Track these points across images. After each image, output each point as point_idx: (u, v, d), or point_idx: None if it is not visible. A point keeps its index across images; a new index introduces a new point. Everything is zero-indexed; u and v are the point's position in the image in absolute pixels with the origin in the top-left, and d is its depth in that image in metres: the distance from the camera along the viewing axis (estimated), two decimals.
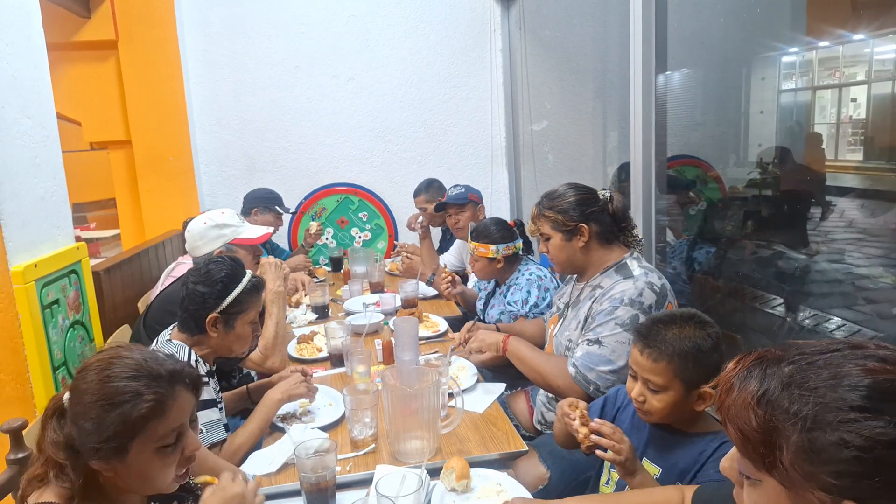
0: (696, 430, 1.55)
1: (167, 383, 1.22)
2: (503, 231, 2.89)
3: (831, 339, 0.83)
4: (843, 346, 0.79)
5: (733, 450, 0.89)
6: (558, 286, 2.66)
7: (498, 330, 2.55)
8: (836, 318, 2.80)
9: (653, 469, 1.57)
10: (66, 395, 1.22)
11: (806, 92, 3.27)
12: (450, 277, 3.15)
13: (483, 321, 3.00)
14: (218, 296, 1.97)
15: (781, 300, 3.05)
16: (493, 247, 2.85)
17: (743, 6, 3.25)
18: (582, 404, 1.60)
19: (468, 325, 2.48)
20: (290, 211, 4.11)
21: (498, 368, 2.76)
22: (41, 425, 1.21)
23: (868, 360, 0.76)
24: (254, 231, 2.86)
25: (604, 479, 1.71)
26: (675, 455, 1.52)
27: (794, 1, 3.10)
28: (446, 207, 3.70)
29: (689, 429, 1.56)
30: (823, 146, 3.14)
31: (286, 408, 2.16)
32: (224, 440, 1.91)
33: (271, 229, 3.02)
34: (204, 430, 1.82)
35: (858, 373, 0.75)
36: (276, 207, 3.97)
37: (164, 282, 2.98)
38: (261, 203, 3.89)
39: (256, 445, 1.98)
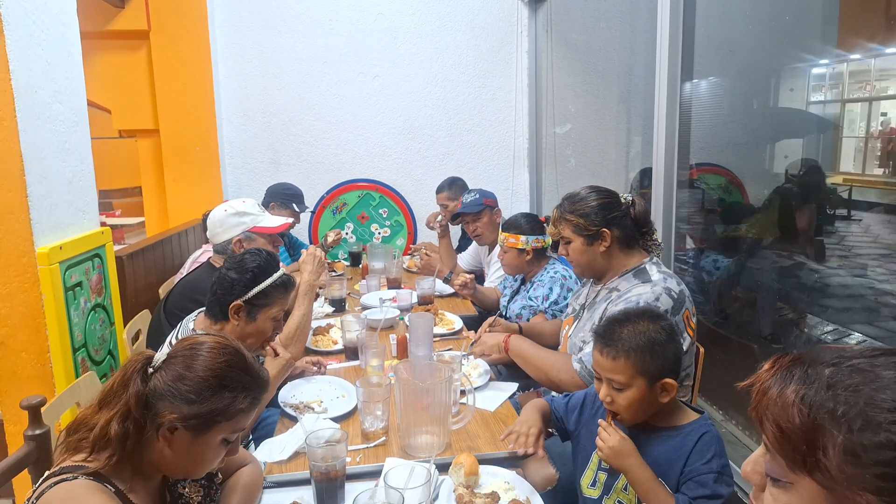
0: (670, 423, 1.57)
1: (262, 391, 1.36)
2: (533, 224, 2.92)
3: (865, 347, 0.83)
4: (879, 353, 0.79)
5: (756, 454, 0.87)
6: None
7: (520, 328, 2.56)
8: (856, 334, 2.77)
9: None
10: (160, 356, 1.30)
11: (835, 104, 3.24)
12: (465, 280, 3.15)
13: (504, 316, 3.02)
14: (246, 284, 2.00)
15: (802, 312, 3.02)
16: (522, 238, 2.87)
17: (773, 16, 3.22)
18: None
19: (489, 320, 2.50)
20: (309, 210, 4.12)
21: (511, 368, 2.77)
22: (120, 378, 1.28)
23: None
24: (273, 221, 2.89)
25: (588, 482, 1.71)
26: (653, 451, 1.54)
27: (825, 13, 3.07)
28: (462, 216, 3.67)
29: (663, 423, 1.58)
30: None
31: (300, 397, 2.19)
32: None
33: (291, 220, 3.04)
34: None
35: None
36: (294, 205, 3.95)
37: (188, 268, 3.03)
38: (279, 198, 3.88)
39: (269, 433, 2.00)
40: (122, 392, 1.26)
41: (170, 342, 1.98)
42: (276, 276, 2.07)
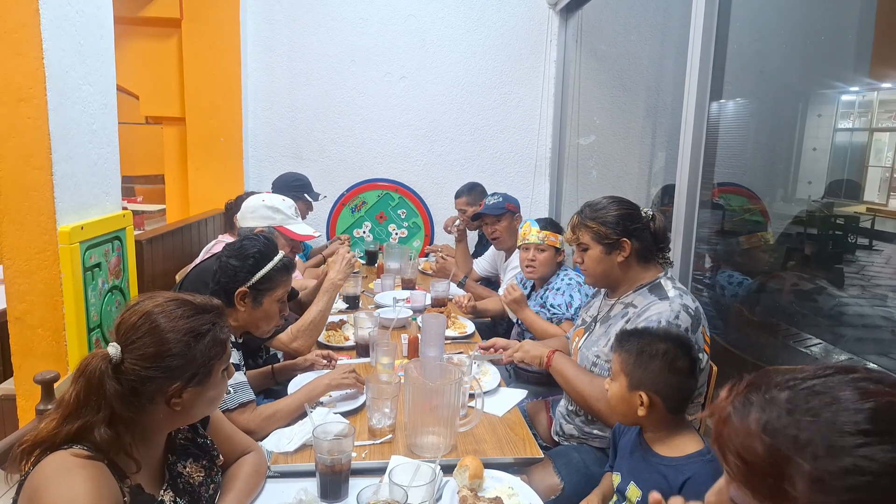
0: (667, 450, 1.58)
1: (224, 316, 1.42)
2: (561, 228, 2.94)
3: (818, 364, 0.82)
4: (834, 371, 0.78)
5: (719, 483, 0.86)
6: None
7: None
8: (872, 365, 2.74)
9: (636, 492, 1.57)
10: (114, 350, 1.26)
11: (863, 133, 3.21)
12: (462, 302, 3.20)
13: (515, 323, 3.05)
14: (249, 271, 2.02)
15: (818, 340, 2.98)
16: (560, 237, 2.87)
17: (806, 40, 3.20)
18: None
19: (493, 340, 2.48)
20: (320, 197, 4.12)
21: (521, 376, 2.77)
22: (84, 388, 1.23)
23: (864, 382, 0.75)
24: (301, 228, 2.92)
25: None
26: (651, 479, 1.55)
27: (859, 40, 3.04)
28: (483, 217, 3.67)
29: (661, 447, 1.59)
30: None
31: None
32: (252, 401, 1.94)
33: (318, 234, 3.06)
34: (232, 391, 1.85)
35: (858, 397, 0.74)
36: (305, 195, 3.97)
37: (202, 258, 3.04)
38: (291, 191, 3.86)
39: None
40: (94, 399, 1.22)
41: None
42: (276, 259, 2.08)
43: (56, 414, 1.24)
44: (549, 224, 2.95)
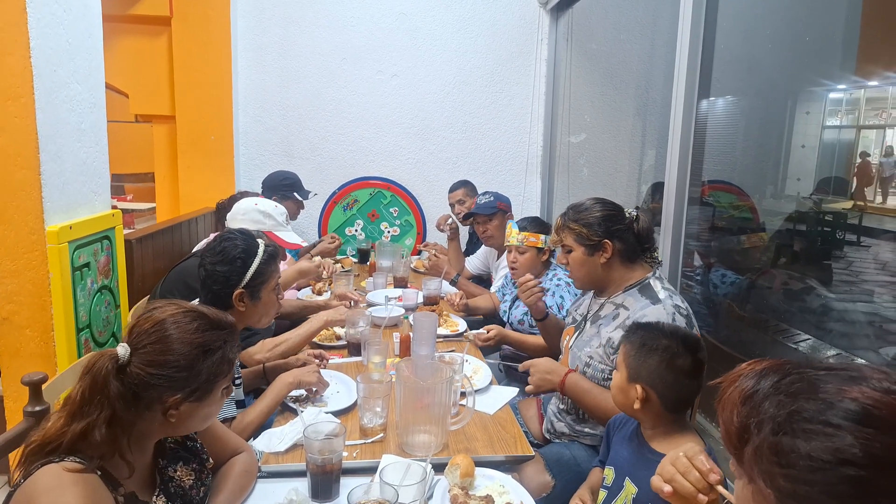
0: (664, 447, 1.56)
1: (236, 335, 1.42)
2: (544, 226, 2.93)
3: (843, 362, 0.84)
4: (841, 368, 0.81)
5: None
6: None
7: (546, 314, 2.54)
8: (860, 360, 2.75)
9: (632, 489, 1.57)
10: (123, 350, 1.26)
11: (850, 130, 3.23)
12: (454, 301, 3.19)
13: (506, 322, 3.07)
14: (239, 272, 2.00)
15: (807, 336, 3.00)
16: (542, 237, 2.87)
17: (793, 38, 3.21)
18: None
19: (490, 328, 2.48)
20: (310, 195, 4.10)
21: (512, 374, 2.77)
22: (89, 386, 1.23)
23: (860, 383, 0.77)
24: (289, 237, 2.91)
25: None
26: (648, 477, 1.53)
27: (846, 39, 3.06)
28: (474, 216, 3.67)
29: (664, 448, 1.57)
30: None
31: (300, 390, 2.19)
32: (234, 417, 1.93)
33: (306, 243, 3.06)
34: None
35: (840, 391, 0.76)
36: (295, 194, 3.93)
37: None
38: (280, 191, 3.84)
39: (268, 423, 2.00)
40: (98, 398, 1.22)
41: None
42: (261, 252, 2.07)
43: (63, 412, 1.24)
44: (530, 224, 2.92)
